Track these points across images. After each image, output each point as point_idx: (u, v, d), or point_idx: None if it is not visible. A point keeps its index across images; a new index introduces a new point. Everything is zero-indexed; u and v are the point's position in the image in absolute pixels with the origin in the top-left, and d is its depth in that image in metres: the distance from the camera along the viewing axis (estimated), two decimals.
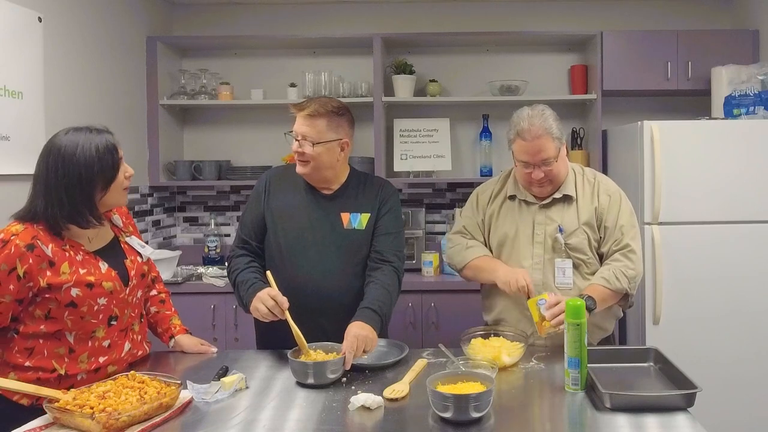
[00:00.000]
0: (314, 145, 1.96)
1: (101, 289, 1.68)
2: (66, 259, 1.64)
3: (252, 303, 1.88)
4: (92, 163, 1.64)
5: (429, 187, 3.77)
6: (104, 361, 1.72)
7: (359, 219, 2.06)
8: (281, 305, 1.82)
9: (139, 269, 1.84)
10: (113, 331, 1.74)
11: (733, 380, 2.87)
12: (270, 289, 1.86)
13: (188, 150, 3.80)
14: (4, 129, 2.35)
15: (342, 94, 3.51)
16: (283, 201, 2.07)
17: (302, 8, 3.74)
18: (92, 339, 1.69)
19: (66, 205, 1.63)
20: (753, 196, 2.89)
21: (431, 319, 3.17)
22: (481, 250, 2.14)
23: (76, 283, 1.63)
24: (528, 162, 2.00)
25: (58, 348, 1.65)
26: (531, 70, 3.67)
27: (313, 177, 2.04)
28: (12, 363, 1.64)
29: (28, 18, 2.50)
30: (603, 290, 1.97)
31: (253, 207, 2.11)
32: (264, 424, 1.45)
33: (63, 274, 1.62)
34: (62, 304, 1.63)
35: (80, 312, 1.65)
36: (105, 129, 1.72)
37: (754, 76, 3.07)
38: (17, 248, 1.57)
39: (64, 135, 1.67)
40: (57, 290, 1.61)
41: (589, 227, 2.06)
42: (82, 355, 1.68)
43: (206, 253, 3.63)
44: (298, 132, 1.98)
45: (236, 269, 2.03)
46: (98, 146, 1.65)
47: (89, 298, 1.65)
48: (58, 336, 1.65)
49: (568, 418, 1.53)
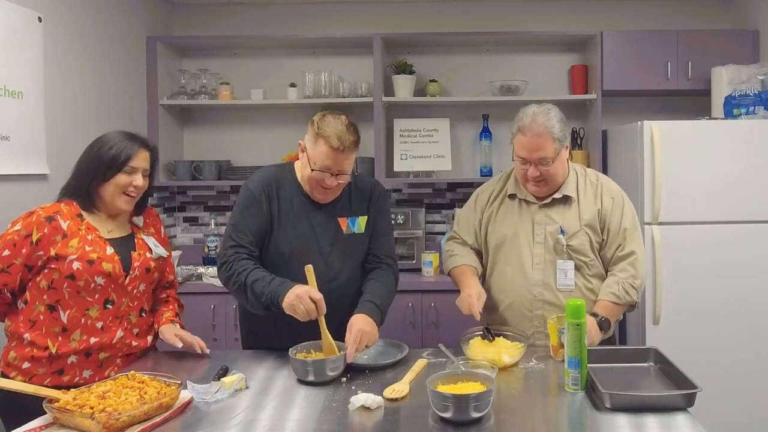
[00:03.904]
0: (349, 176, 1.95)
1: (100, 268, 1.78)
2: (78, 236, 1.79)
3: (288, 299, 1.76)
4: (98, 156, 1.83)
5: (429, 187, 3.77)
6: (95, 343, 1.80)
7: (357, 223, 2.05)
8: (320, 310, 1.76)
9: (144, 263, 1.90)
10: (107, 315, 1.82)
11: (733, 380, 2.87)
12: (311, 290, 1.77)
13: (188, 150, 3.80)
14: (4, 129, 2.35)
15: (342, 94, 3.51)
16: (284, 208, 2.00)
17: (302, 8, 3.74)
18: (85, 317, 1.79)
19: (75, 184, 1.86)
20: (753, 196, 2.89)
21: (431, 319, 3.17)
22: (461, 260, 2.16)
23: (79, 257, 1.76)
24: (525, 158, 2.00)
25: (54, 326, 1.77)
26: (531, 70, 3.67)
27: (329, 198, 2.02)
28: (16, 334, 1.78)
29: (28, 18, 2.50)
30: (614, 307, 1.99)
31: (253, 214, 1.97)
32: (264, 424, 1.45)
33: (70, 247, 1.76)
34: (63, 275, 1.75)
35: (77, 286, 1.77)
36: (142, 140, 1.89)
37: (754, 76, 3.07)
38: (38, 217, 1.77)
39: (110, 132, 1.89)
40: (62, 260, 1.75)
41: (591, 229, 2.06)
42: (74, 332, 1.78)
43: (206, 253, 3.63)
44: (336, 169, 1.90)
45: (243, 269, 1.89)
46: (113, 147, 1.83)
47: (87, 274, 1.77)
48: (54, 313, 1.77)
49: (568, 418, 1.53)
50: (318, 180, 1.93)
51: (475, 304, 1.93)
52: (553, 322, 1.84)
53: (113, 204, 1.86)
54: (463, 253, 2.19)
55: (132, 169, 1.83)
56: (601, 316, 1.95)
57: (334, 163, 1.89)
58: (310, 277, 1.81)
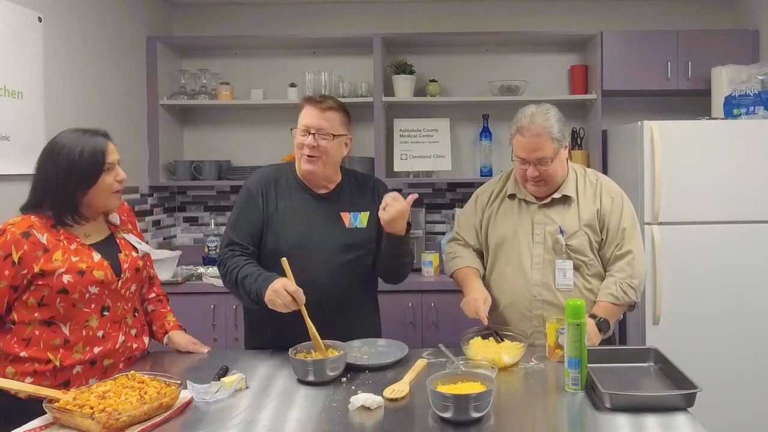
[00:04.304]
0: (332, 138, 1.98)
1: (92, 277, 1.72)
2: (60, 247, 1.70)
3: (267, 295, 1.81)
4: (72, 164, 1.70)
5: (429, 187, 3.77)
6: (99, 352, 1.75)
7: (359, 218, 2.07)
8: (299, 301, 1.79)
9: (133, 263, 1.86)
10: (106, 322, 1.77)
11: (733, 380, 2.87)
12: (286, 282, 1.80)
13: (188, 150, 3.80)
14: (4, 129, 2.35)
15: (342, 94, 3.51)
16: (282, 206, 2.03)
17: (302, 8, 3.74)
18: (86, 328, 1.73)
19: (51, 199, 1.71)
20: (753, 196, 2.89)
21: (431, 319, 3.17)
22: (464, 262, 2.16)
23: (68, 270, 1.69)
24: (524, 159, 2.01)
25: (53, 339, 1.70)
26: (531, 70, 3.67)
27: (318, 174, 2.02)
28: (10, 354, 1.68)
29: (28, 18, 2.50)
30: (612, 307, 2.00)
31: (249, 211, 2.02)
32: (264, 424, 1.45)
33: (56, 260, 1.68)
34: (54, 290, 1.67)
35: (72, 299, 1.70)
36: (102, 132, 1.79)
37: (754, 76, 3.07)
38: (13, 235, 1.66)
39: (62, 135, 1.75)
40: (50, 276, 1.67)
41: (591, 229, 2.06)
42: (77, 345, 1.72)
43: (206, 253, 3.63)
44: (313, 126, 1.97)
45: (235, 267, 1.94)
46: (83, 149, 1.71)
47: (80, 285, 1.70)
48: (53, 327, 1.69)
49: (568, 418, 1.53)
50: (299, 143, 1.99)
51: (482, 308, 1.94)
52: (553, 323, 1.84)
53: (106, 206, 1.80)
54: (466, 255, 2.19)
55: (111, 165, 1.76)
56: (599, 317, 1.96)
57: (311, 119, 1.97)
58: (286, 269, 1.83)
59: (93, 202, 1.76)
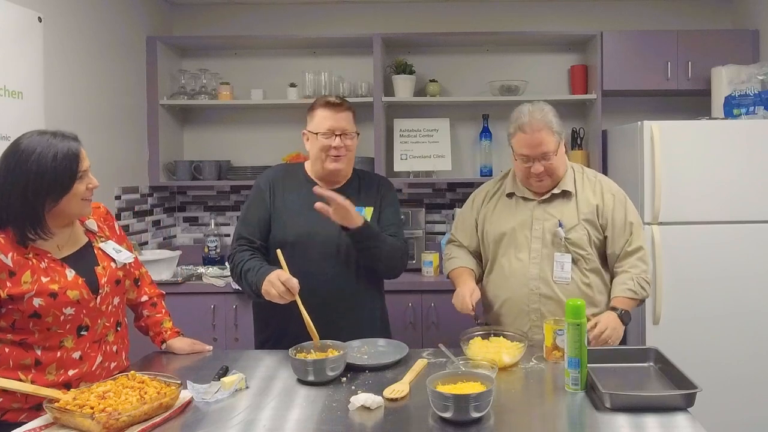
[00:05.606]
0: (356, 136, 2.09)
1: (66, 298, 1.58)
2: (28, 267, 1.55)
3: (263, 286, 1.87)
4: (45, 171, 1.54)
5: (429, 187, 3.77)
6: (74, 375, 1.62)
7: (364, 213, 2.10)
8: (292, 290, 1.82)
9: (112, 276, 1.72)
10: (84, 342, 1.64)
11: (733, 380, 2.87)
12: (280, 272, 1.85)
13: (188, 150, 3.80)
14: (4, 129, 2.35)
15: (342, 94, 3.51)
16: (290, 199, 2.10)
17: (302, 8, 3.74)
18: (60, 349, 1.60)
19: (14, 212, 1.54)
20: (753, 196, 2.89)
21: (431, 319, 3.17)
22: (458, 262, 2.22)
23: (38, 293, 1.55)
24: (528, 156, 2.03)
25: (24, 359, 1.57)
26: (531, 70, 3.67)
27: (343, 172, 2.11)
28: None
29: (28, 18, 2.50)
30: (630, 302, 2.04)
31: (257, 206, 2.11)
32: (264, 424, 1.45)
33: (24, 283, 1.54)
34: (26, 315, 1.55)
35: (45, 323, 1.57)
36: (72, 136, 1.63)
37: (754, 76, 3.07)
38: None
39: (28, 138, 1.58)
40: (19, 301, 1.53)
41: (590, 224, 2.08)
42: (49, 366, 1.59)
43: (206, 253, 3.63)
44: (338, 128, 2.04)
45: (240, 261, 2.02)
46: (56, 154, 1.55)
47: (53, 308, 1.57)
48: (25, 346, 1.58)
49: (568, 418, 1.53)
50: (325, 146, 2.04)
51: (467, 297, 1.99)
52: (550, 324, 1.84)
53: (79, 214, 1.67)
54: (461, 256, 2.24)
55: (84, 173, 1.61)
56: (621, 309, 2.00)
57: (333, 120, 2.04)
58: (281, 260, 1.88)
59: (61, 213, 1.61)
